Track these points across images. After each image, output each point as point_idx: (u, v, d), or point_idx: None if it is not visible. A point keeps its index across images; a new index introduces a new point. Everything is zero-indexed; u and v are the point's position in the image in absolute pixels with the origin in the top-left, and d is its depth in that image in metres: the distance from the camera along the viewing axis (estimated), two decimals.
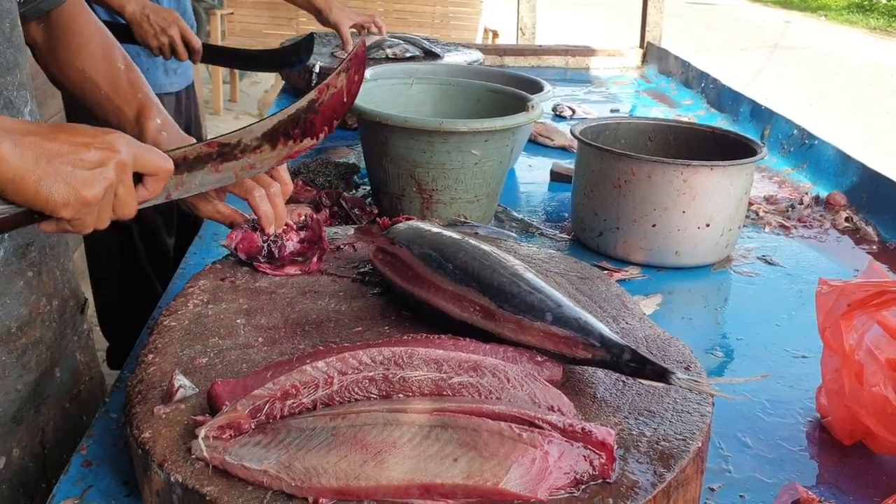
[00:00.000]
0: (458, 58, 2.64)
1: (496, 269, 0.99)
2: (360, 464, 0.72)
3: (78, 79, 1.18)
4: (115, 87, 1.18)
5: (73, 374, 1.17)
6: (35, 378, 1.07)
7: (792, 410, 1.10)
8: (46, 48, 1.19)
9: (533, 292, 0.95)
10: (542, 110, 1.62)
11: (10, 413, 1.03)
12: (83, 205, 0.85)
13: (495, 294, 0.96)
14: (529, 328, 0.92)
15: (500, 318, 0.94)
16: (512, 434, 0.74)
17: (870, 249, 1.67)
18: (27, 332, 1.05)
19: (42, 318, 1.08)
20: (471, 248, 1.04)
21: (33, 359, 1.06)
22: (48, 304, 1.09)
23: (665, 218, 1.47)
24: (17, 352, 1.03)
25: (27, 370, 1.05)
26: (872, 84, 9.30)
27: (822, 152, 2.08)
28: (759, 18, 14.59)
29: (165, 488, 0.76)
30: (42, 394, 1.09)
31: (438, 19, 6.39)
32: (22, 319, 1.04)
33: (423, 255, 1.04)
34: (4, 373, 1.02)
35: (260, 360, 0.94)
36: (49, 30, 1.18)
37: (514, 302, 0.94)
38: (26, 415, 1.06)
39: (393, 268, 1.08)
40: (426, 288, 1.02)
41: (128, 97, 1.17)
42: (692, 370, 0.95)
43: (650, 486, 0.75)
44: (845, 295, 0.98)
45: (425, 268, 1.03)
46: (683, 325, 1.34)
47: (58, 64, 1.19)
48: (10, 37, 1.00)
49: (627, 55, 3.43)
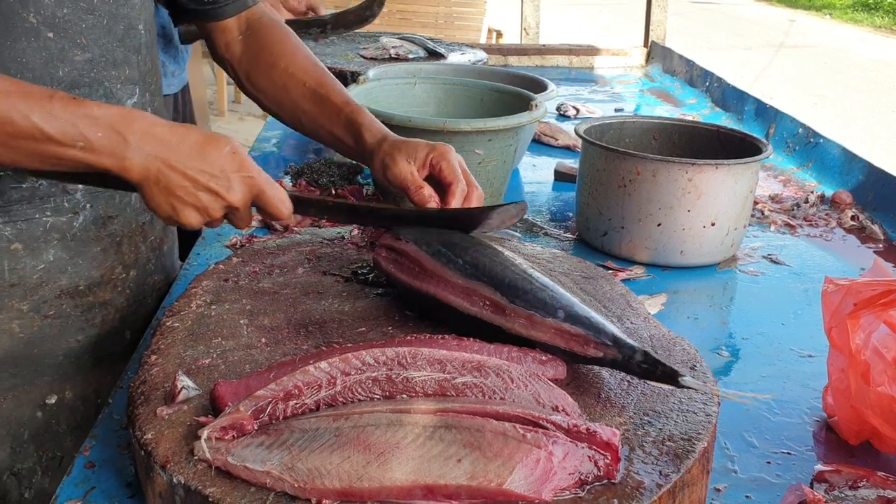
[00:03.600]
0: (461, 58, 2.64)
1: (507, 266, 0.99)
2: (364, 465, 0.72)
3: (282, 78, 1.26)
4: (321, 81, 1.25)
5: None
6: (98, 334, 1.16)
7: (798, 410, 1.09)
8: (248, 57, 1.28)
9: (544, 289, 0.95)
10: (545, 109, 1.62)
11: (69, 359, 1.14)
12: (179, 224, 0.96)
13: (507, 289, 0.95)
14: (541, 324, 0.92)
15: (511, 313, 0.93)
16: (516, 434, 0.73)
17: (876, 248, 1.66)
18: (95, 293, 1.15)
19: (115, 284, 1.17)
20: (480, 245, 1.04)
21: (98, 317, 1.16)
22: (124, 272, 1.19)
23: (670, 217, 1.47)
24: (82, 307, 1.13)
25: (90, 326, 1.15)
26: (878, 82, 9.28)
27: (828, 151, 2.07)
28: (763, 17, 14.56)
29: (168, 490, 0.75)
30: (105, 349, 1.18)
31: (442, 19, 6.38)
32: (92, 280, 1.14)
33: (433, 250, 1.04)
34: (68, 322, 1.13)
35: (263, 360, 0.94)
36: (251, 38, 1.28)
37: (525, 297, 0.94)
38: (83, 364, 1.16)
39: (398, 265, 1.07)
40: (435, 282, 1.01)
41: (333, 88, 1.25)
42: (698, 370, 0.95)
43: (655, 487, 0.74)
44: (852, 294, 0.97)
45: (434, 262, 1.02)
46: (689, 324, 1.33)
47: (262, 67, 1.27)
48: (123, 38, 1.10)
49: (631, 54, 3.42)
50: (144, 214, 1.20)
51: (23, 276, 1.07)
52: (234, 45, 1.29)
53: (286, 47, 1.28)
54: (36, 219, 1.06)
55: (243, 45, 1.29)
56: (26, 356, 1.10)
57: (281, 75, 1.26)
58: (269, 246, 1.27)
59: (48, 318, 1.10)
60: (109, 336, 1.18)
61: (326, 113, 1.23)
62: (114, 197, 1.14)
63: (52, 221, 1.08)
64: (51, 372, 1.13)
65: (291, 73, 1.25)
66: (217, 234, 1.57)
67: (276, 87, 1.26)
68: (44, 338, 1.10)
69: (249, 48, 1.28)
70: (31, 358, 1.10)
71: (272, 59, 1.26)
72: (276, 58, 1.26)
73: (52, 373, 1.13)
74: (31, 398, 1.12)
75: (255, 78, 1.28)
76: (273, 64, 1.26)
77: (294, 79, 1.25)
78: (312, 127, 1.26)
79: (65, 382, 1.15)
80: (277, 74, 1.26)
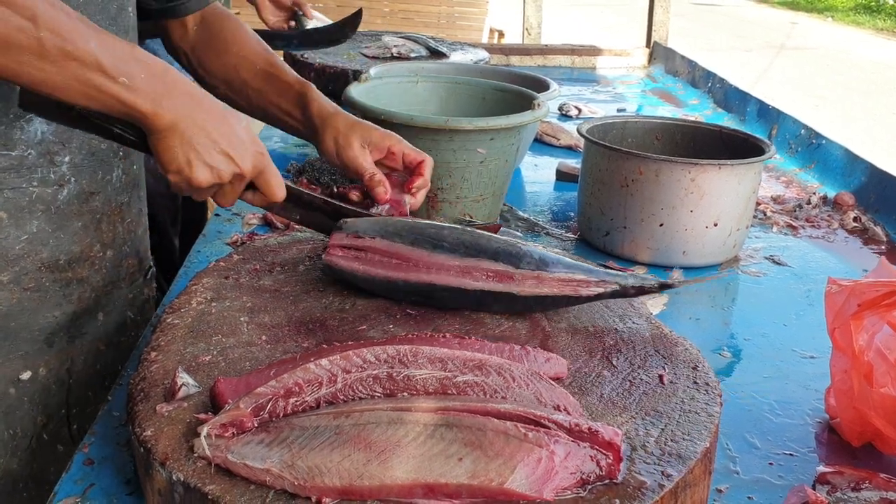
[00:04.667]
0: (464, 57, 2.63)
1: (491, 239, 1.07)
2: (364, 463, 0.72)
3: (234, 60, 1.32)
4: (271, 62, 1.32)
5: (117, 325, 1.25)
6: (74, 311, 1.17)
7: (800, 411, 1.09)
8: (202, 44, 1.33)
9: (534, 251, 1.06)
10: (548, 109, 1.61)
11: (45, 334, 1.14)
12: (186, 181, 0.98)
13: (508, 257, 1.04)
14: (548, 279, 1.02)
15: (519, 277, 1.02)
16: (517, 433, 0.73)
17: (878, 250, 1.66)
18: (74, 269, 1.15)
19: (92, 262, 1.18)
20: (451, 228, 1.09)
21: (76, 294, 1.16)
22: (102, 251, 1.19)
23: (673, 217, 1.46)
24: (61, 282, 1.14)
25: (68, 302, 1.16)
26: (879, 84, 9.27)
27: (830, 152, 2.07)
28: (765, 19, 14.55)
29: (167, 487, 0.75)
30: (79, 328, 1.18)
31: (444, 19, 6.37)
32: (72, 255, 1.14)
33: (410, 239, 1.06)
34: (46, 296, 1.13)
35: (263, 358, 0.94)
36: (204, 28, 1.33)
37: (527, 260, 1.03)
38: (58, 341, 1.16)
39: (365, 262, 1.07)
40: (426, 270, 1.04)
41: (283, 68, 1.31)
42: (700, 370, 0.94)
43: (658, 487, 0.74)
44: (855, 295, 0.97)
45: (419, 251, 1.05)
46: (690, 325, 1.33)
47: (214, 52, 1.32)
48: (116, 18, 1.12)
49: (634, 55, 3.42)
50: (123, 195, 1.21)
51: (6, 246, 1.07)
52: (188, 36, 1.33)
53: (238, 35, 1.33)
54: (23, 188, 1.06)
55: (197, 36, 1.33)
56: (4, 328, 1.10)
57: (232, 58, 1.32)
58: (270, 243, 1.26)
59: (27, 291, 1.10)
60: (84, 314, 1.18)
61: (276, 89, 1.30)
62: (97, 172, 1.14)
63: (38, 192, 1.08)
64: (26, 347, 1.13)
65: (243, 55, 1.31)
66: (218, 231, 1.56)
67: (226, 68, 1.32)
68: (22, 311, 1.10)
69: (203, 37, 1.33)
70: (9, 331, 1.10)
71: (224, 45, 1.32)
72: (227, 44, 1.32)
73: (28, 347, 1.13)
74: (4, 373, 1.12)
75: (207, 62, 1.33)
76: (225, 50, 1.32)
77: (246, 60, 1.31)
78: (260, 104, 1.32)
79: (39, 359, 1.15)
80: (229, 58, 1.32)
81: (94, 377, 1.21)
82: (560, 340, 1.00)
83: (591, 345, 0.99)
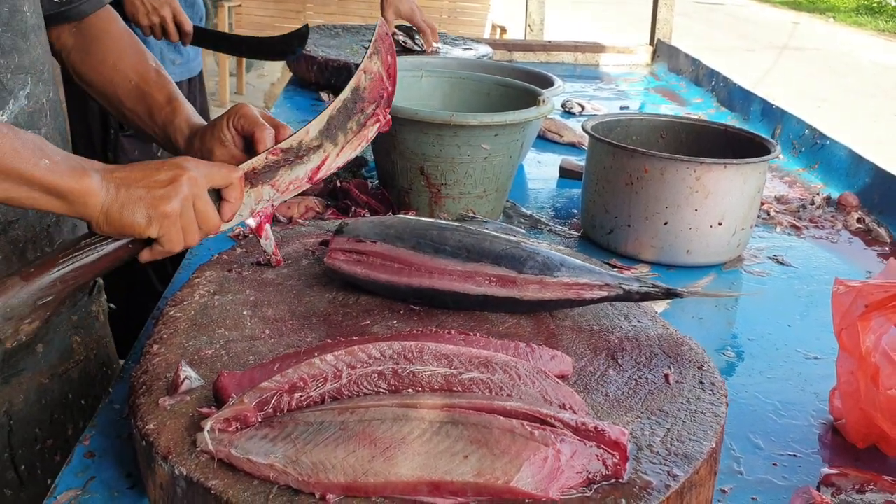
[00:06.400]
0: (467, 53, 2.62)
1: (495, 241, 1.05)
2: (369, 459, 0.71)
3: (109, 73, 1.22)
4: (146, 78, 1.22)
5: (61, 352, 1.17)
6: (5, 350, 1.07)
7: (804, 412, 1.09)
8: (79, 49, 1.23)
9: (538, 253, 1.04)
10: (553, 105, 1.61)
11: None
12: (164, 218, 0.93)
13: (510, 262, 1.02)
14: (551, 284, 1.01)
15: (522, 282, 1.01)
16: (524, 432, 0.72)
17: (882, 251, 1.65)
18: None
19: None
20: (456, 229, 1.06)
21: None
22: None
23: (677, 216, 1.46)
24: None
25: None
26: (881, 86, 9.26)
27: (834, 152, 2.06)
28: (767, 19, 14.53)
29: (169, 481, 0.74)
30: (14, 366, 1.10)
31: (446, 14, 6.35)
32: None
33: (412, 244, 1.05)
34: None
35: (266, 352, 0.93)
36: (83, 31, 1.23)
37: (529, 264, 1.02)
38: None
39: (367, 266, 1.06)
40: (428, 275, 1.03)
41: (158, 85, 1.21)
42: (705, 369, 0.94)
43: (664, 487, 0.73)
44: (863, 296, 0.96)
45: (420, 256, 1.04)
46: (694, 324, 1.32)
47: (91, 62, 1.23)
48: (10, 22, 1.02)
49: (637, 52, 3.41)
50: (49, 216, 1.12)
51: None
52: (64, 36, 1.23)
53: (118, 43, 1.24)
54: None
55: (75, 39, 1.23)
56: None
57: (109, 70, 1.22)
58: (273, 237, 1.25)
59: None
60: (19, 351, 1.10)
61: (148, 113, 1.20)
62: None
63: None
64: None
65: (119, 69, 1.22)
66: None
67: (104, 82, 1.23)
68: None
69: (80, 41, 1.23)
70: None
71: (102, 54, 1.23)
72: (105, 53, 1.23)
73: None
74: None
75: (84, 72, 1.24)
76: (102, 60, 1.23)
77: (121, 75, 1.22)
78: (138, 126, 1.23)
79: None
80: (106, 69, 1.23)
81: (40, 412, 1.13)
82: (565, 338, 1.00)
83: (597, 343, 0.99)
